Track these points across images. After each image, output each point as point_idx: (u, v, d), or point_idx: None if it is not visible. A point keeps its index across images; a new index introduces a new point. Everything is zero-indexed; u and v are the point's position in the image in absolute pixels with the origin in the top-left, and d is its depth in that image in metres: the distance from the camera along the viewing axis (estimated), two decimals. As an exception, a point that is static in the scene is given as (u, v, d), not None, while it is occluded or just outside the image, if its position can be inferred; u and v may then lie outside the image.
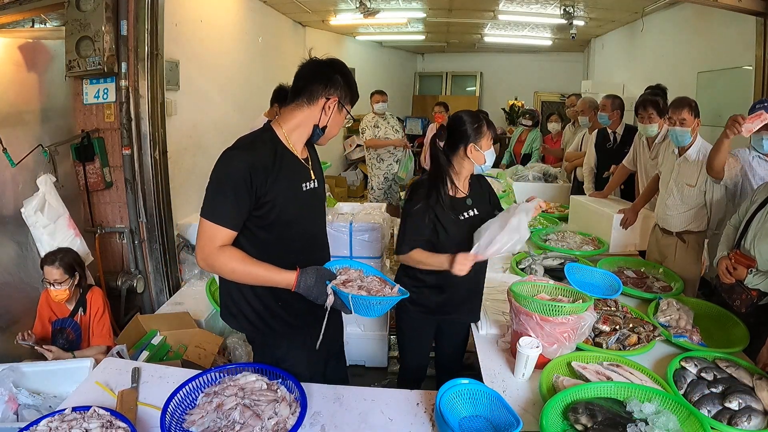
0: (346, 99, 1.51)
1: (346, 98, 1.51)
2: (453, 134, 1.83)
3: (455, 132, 1.82)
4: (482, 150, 1.80)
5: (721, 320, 1.94)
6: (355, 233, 2.61)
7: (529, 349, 1.54)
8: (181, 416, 1.32)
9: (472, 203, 1.88)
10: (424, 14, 5.93)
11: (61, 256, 2.21)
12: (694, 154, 2.39)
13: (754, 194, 2.02)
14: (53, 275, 2.15)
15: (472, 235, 1.76)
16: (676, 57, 4.73)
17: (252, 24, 5.04)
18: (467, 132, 1.79)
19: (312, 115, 1.48)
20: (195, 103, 3.74)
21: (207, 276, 3.09)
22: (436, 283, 1.85)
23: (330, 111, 1.48)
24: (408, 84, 10.10)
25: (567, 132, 4.86)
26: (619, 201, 3.25)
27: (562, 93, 8.34)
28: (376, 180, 5.03)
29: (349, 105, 1.53)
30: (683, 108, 2.32)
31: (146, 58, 2.83)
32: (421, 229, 1.79)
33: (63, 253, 2.24)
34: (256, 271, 1.39)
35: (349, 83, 1.51)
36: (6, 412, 1.57)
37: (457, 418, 1.36)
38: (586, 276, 2.02)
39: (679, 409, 1.33)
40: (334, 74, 1.48)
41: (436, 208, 1.79)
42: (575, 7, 5.16)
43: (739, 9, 3.17)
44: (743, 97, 3.35)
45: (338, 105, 1.49)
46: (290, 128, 1.48)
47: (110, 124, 2.94)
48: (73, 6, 2.65)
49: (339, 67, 1.50)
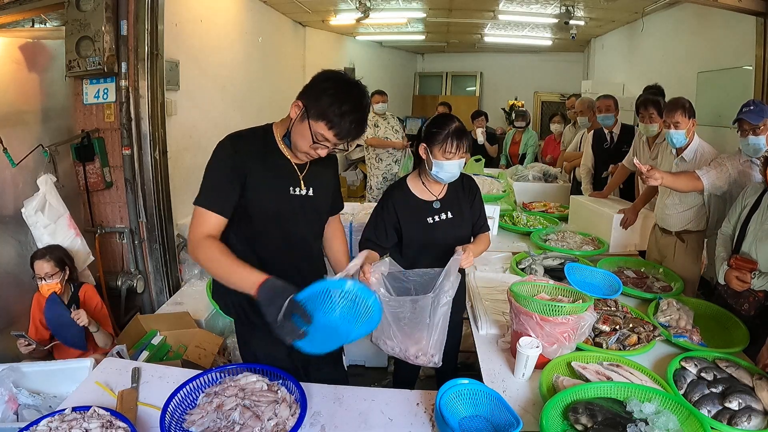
0: (312, 112, 1.34)
1: (313, 111, 1.34)
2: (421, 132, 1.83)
3: (421, 130, 1.84)
4: (433, 157, 1.74)
5: (721, 320, 1.94)
6: (356, 233, 2.61)
7: (529, 349, 1.54)
8: (181, 416, 1.32)
9: (442, 207, 1.86)
10: (424, 14, 5.94)
11: (50, 250, 2.28)
12: (691, 154, 2.39)
13: (743, 199, 2.01)
14: (44, 269, 2.19)
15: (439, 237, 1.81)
16: (676, 57, 4.73)
17: (252, 24, 5.04)
18: (426, 132, 1.77)
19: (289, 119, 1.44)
20: (195, 103, 3.74)
21: (207, 276, 3.09)
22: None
23: (295, 116, 1.39)
24: (408, 84, 10.10)
25: (567, 132, 4.87)
26: (619, 201, 3.25)
27: (562, 93, 8.34)
28: (375, 180, 5.03)
29: (316, 121, 1.34)
30: (676, 110, 2.33)
31: (146, 58, 2.84)
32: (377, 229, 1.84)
33: (51, 248, 2.32)
34: (230, 269, 1.32)
35: (317, 94, 1.34)
36: (6, 412, 1.57)
37: (457, 418, 1.36)
38: (586, 276, 2.01)
39: (679, 409, 1.33)
40: (313, 80, 1.40)
41: (397, 210, 1.82)
42: (575, 7, 5.17)
43: (739, 9, 3.17)
44: (743, 97, 3.33)
45: (302, 113, 1.36)
46: (281, 130, 1.49)
47: (110, 124, 2.94)
48: (73, 6, 2.65)
49: (324, 77, 1.39)
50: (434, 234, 1.84)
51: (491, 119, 6.17)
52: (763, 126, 2.06)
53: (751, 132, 2.09)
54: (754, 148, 2.12)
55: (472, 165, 4.33)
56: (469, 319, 2.02)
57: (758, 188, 1.98)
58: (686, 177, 2.23)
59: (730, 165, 2.21)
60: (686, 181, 2.22)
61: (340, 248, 1.74)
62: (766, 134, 2.08)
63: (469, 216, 1.91)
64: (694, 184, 2.21)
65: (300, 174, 1.49)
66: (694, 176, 2.21)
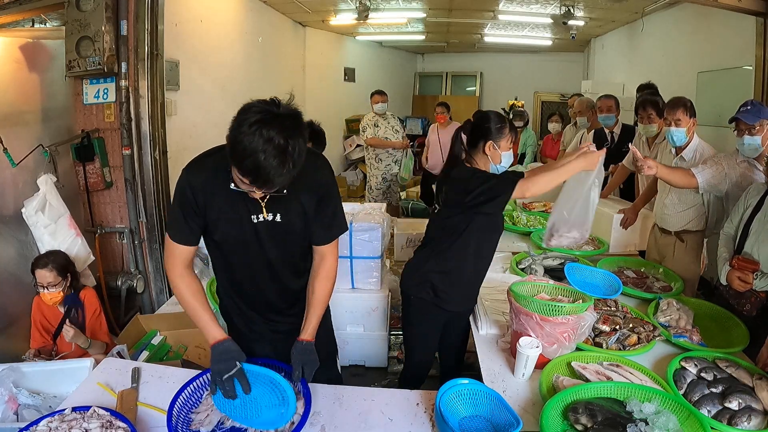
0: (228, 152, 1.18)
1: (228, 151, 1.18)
2: (476, 129, 1.87)
3: (478, 127, 1.87)
4: (500, 150, 1.84)
5: (721, 320, 1.94)
6: (355, 233, 2.61)
7: (529, 349, 1.54)
8: (186, 416, 1.32)
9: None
10: (424, 14, 5.94)
11: (52, 258, 2.20)
12: (691, 153, 2.39)
13: (746, 199, 2.01)
14: (47, 278, 2.14)
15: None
16: (676, 57, 4.73)
17: (252, 24, 5.04)
18: (490, 129, 1.84)
19: None
20: (195, 103, 3.75)
21: (207, 276, 3.09)
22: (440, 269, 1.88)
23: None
24: (408, 84, 10.09)
25: (567, 132, 4.86)
26: (619, 201, 3.25)
27: (562, 93, 8.33)
28: (374, 180, 5.03)
29: (233, 165, 1.18)
30: (678, 108, 2.33)
31: (146, 58, 2.84)
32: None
33: (54, 255, 2.23)
34: (197, 313, 1.37)
35: (231, 132, 1.15)
36: (6, 412, 1.57)
37: (457, 418, 1.36)
38: (586, 276, 2.01)
39: (679, 409, 1.33)
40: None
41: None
42: (575, 7, 5.17)
43: (739, 9, 3.17)
44: (743, 97, 3.31)
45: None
46: None
47: (110, 124, 2.94)
48: (73, 6, 2.65)
49: (242, 109, 1.17)
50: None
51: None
52: (759, 126, 2.06)
53: (747, 132, 2.09)
54: (750, 148, 2.12)
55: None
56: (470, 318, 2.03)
57: (761, 189, 1.98)
58: (681, 172, 2.23)
59: (726, 164, 2.20)
60: (681, 176, 2.21)
61: (318, 294, 1.49)
62: (762, 135, 2.08)
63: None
64: (688, 180, 2.20)
65: (262, 202, 1.35)
66: (690, 173, 2.20)
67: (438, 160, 5.07)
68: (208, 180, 1.33)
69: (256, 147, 1.10)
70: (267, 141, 1.10)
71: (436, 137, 5.10)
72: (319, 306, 1.49)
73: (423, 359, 2.10)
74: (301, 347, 1.40)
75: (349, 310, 2.68)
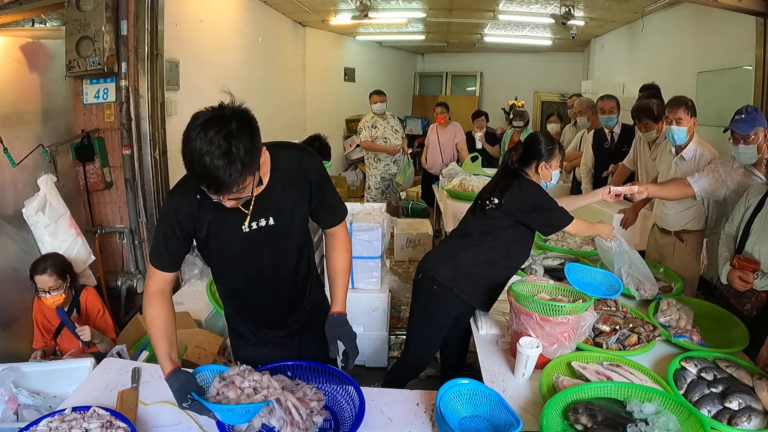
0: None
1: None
2: (528, 150, 1.99)
3: (531, 149, 1.99)
4: (551, 169, 2.00)
5: (721, 320, 1.94)
6: (355, 233, 2.61)
7: (529, 349, 1.54)
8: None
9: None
10: (424, 14, 5.94)
11: (50, 262, 2.18)
12: (691, 153, 2.39)
13: (747, 199, 2.01)
14: (47, 283, 2.12)
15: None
16: (676, 57, 4.73)
17: (252, 24, 5.04)
18: (542, 151, 1.97)
19: None
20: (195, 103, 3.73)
21: (207, 276, 3.09)
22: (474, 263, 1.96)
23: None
24: (408, 84, 10.09)
25: (567, 132, 4.86)
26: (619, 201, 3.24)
27: (562, 93, 8.34)
28: (373, 180, 5.02)
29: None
30: (679, 107, 2.33)
31: (146, 58, 2.84)
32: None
33: (51, 259, 2.22)
34: (155, 341, 1.34)
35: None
36: (6, 412, 1.57)
37: (457, 418, 1.36)
38: (586, 276, 2.01)
39: (679, 409, 1.33)
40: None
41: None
42: (575, 7, 5.17)
43: (739, 9, 3.17)
44: (743, 97, 3.34)
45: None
46: None
47: (110, 124, 2.95)
48: (73, 6, 2.65)
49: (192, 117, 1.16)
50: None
51: (491, 119, 6.17)
52: (754, 135, 2.05)
53: (742, 141, 2.08)
54: (745, 157, 2.12)
55: (470, 165, 4.33)
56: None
57: (762, 188, 1.98)
58: (674, 185, 2.25)
59: (723, 171, 2.20)
60: (675, 189, 2.24)
61: (337, 266, 1.57)
62: (757, 143, 2.07)
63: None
64: (684, 191, 2.22)
65: (247, 210, 1.32)
66: (685, 183, 2.21)
67: (437, 160, 5.08)
68: (193, 203, 1.31)
69: (200, 149, 1.09)
70: (209, 142, 1.09)
71: (436, 137, 5.10)
72: (341, 277, 1.56)
73: (426, 350, 2.11)
74: (334, 320, 1.45)
75: (349, 310, 2.63)
